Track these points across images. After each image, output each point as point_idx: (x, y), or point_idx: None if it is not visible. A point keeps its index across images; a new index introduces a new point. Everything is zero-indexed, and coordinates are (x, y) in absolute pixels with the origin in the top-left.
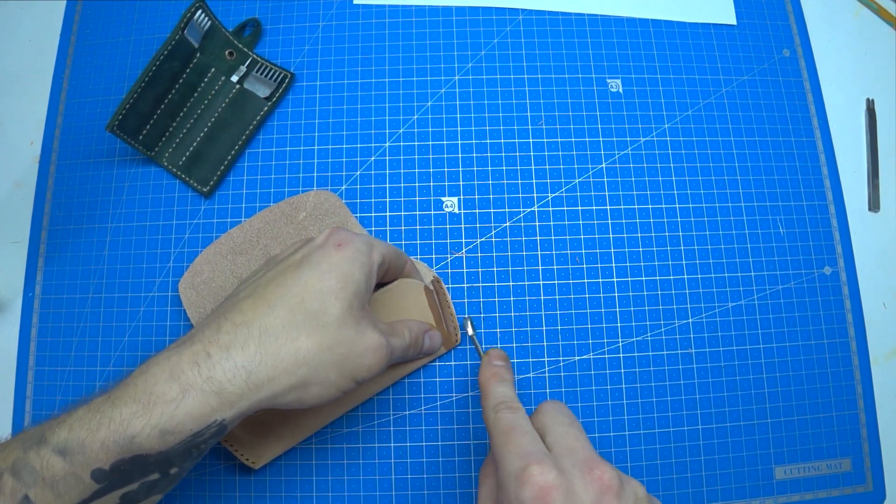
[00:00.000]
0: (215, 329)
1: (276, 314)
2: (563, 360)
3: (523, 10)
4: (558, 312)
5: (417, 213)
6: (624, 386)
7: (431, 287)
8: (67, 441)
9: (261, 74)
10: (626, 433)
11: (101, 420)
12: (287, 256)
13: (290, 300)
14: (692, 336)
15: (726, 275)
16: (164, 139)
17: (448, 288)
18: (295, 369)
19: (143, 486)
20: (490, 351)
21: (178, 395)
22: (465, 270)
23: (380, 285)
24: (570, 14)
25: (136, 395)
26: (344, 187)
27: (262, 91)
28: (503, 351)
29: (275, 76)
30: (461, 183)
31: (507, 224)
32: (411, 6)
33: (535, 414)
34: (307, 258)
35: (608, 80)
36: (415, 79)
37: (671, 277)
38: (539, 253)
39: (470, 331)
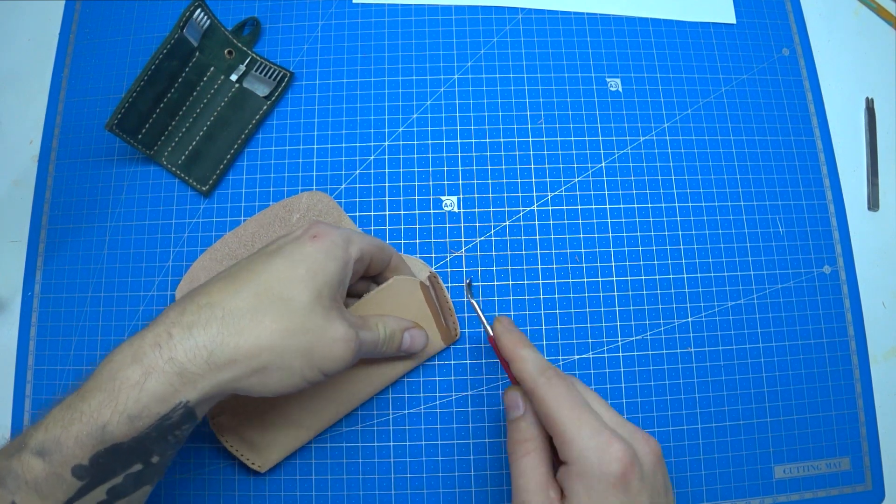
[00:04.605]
0: (180, 311)
1: (243, 297)
2: (563, 360)
3: (523, 10)
4: (557, 311)
5: (417, 212)
6: (623, 385)
7: (428, 283)
8: (44, 442)
9: (260, 73)
10: None
11: (73, 415)
12: (264, 247)
13: (259, 285)
14: (691, 336)
15: (725, 274)
16: (163, 138)
17: (448, 287)
18: (257, 353)
19: (129, 479)
20: (500, 318)
21: (140, 378)
22: (464, 269)
23: (374, 284)
24: (569, 13)
25: (101, 384)
26: (343, 186)
27: (262, 90)
28: (509, 318)
29: (274, 75)
30: (461, 182)
31: (507, 223)
32: (410, 5)
33: None
34: (281, 248)
35: (608, 80)
36: (414, 78)
37: (670, 277)
38: (538, 252)
39: (469, 296)
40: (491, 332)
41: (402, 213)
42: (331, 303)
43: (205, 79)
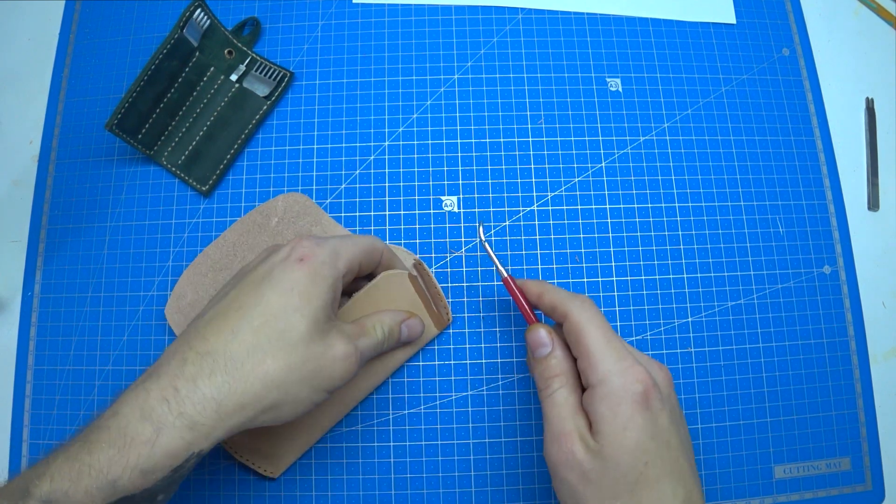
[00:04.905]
0: (181, 360)
1: (240, 339)
2: None
3: (523, 9)
4: None
5: (417, 212)
6: None
7: (414, 272)
8: (51, 493)
9: (260, 73)
10: None
11: (81, 469)
12: (252, 269)
13: (254, 322)
14: (691, 336)
15: (726, 274)
16: (163, 138)
17: (447, 287)
18: (265, 393)
19: None
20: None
21: (152, 435)
22: (464, 269)
23: (364, 280)
24: (569, 13)
25: (111, 439)
26: (343, 186)
27: (262, 90)
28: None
29: (274, 75)
30: (461, 182)
31: (507, 223)
32: (410, 5)
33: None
34: (269, 275)
35: (608, 80)
36: (414, 78)
37: (670, 277)
38: (538, 252)
39: (482, 236)
40: (505, 274)
41: (402, 213)
42: (326, 323)
43: (205, 79)
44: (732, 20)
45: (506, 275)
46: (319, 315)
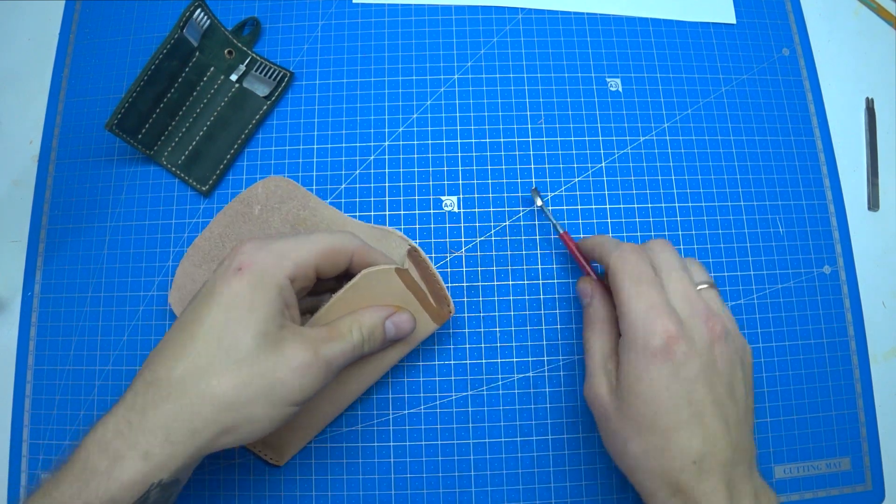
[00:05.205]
0: (133, 392)
1: (185, 363)
2: (563, 359)
3: (523, 9)
4: (558, 311)
5: (417, 212)
6: None
7: (407, 264)
8: None
9: (260, 73)
10: None
11: (49, 503)
12: (202, 285)
13: (197, 343)
14: None
15: (726, 274)
16: (163, 138)
17: (448, 287)
18: (216, 416)
19: None
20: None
21: (109, 467)
22: (464, 269)
23: (346, 279)
24: (569, 13)
25: (74, 473)
26: (343, 186)
27: (262, 90)
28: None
29: (274, 75)
30: (461, 182)
31: (507, 223)
32: (410, 5)
33: (649, 252)
34: (210, 291)
35: (608, 80)
36: (414, 78)
37: None
38: (539, 252)
39: (539, 202)
40: (561, 231)
41: (402, 213)
42: (278, 332)
43: (205, 79)
44: (732, 20)
45: (562, 231)
46: (267, 326)
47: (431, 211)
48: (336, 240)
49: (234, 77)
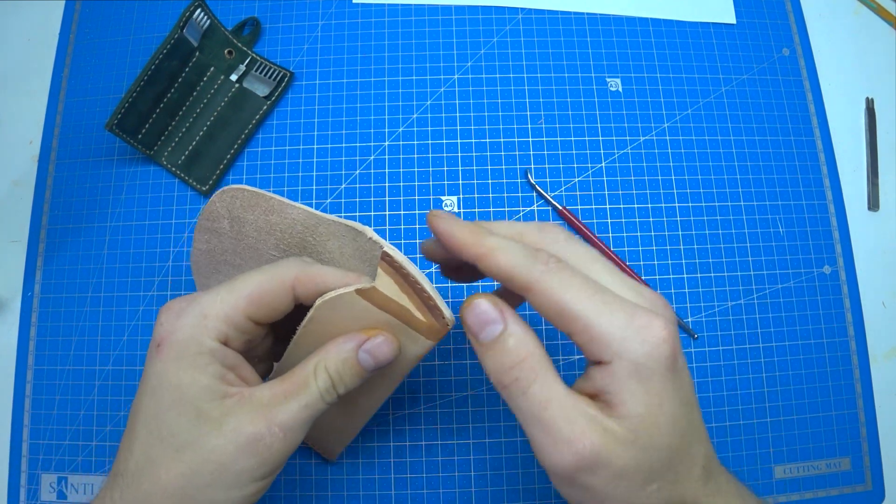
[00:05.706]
0: (105, 482)
1: (135, 455)
2: (563, 360)
3: (523, 9)
4: None
5: (417, 212)
6: None
7: (378, 274)
8: None
9: (260, 73)
10: None
11: None
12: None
13: (140, 433)
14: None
15: (726, 274)
16: (163, 138)
17: (446, 288)
18: None
19: None
20: (435, 212)
21: None
22: None
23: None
24: (569, 13)
25: None
26: (343, 186)
27: (262, 90)
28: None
29: (274, 75)
30: (461, 182)
31: None
32: (410, 5)
33: (549, 247)
34: (144, 374)
35: (608, 80)
36: (414, 78)
37: (671, 277)
38: None
39: (532, 181)
40: (559, 207)
41: (402, 213)
42: (219, 406)
43: (205, 79)
44: (732, 20)
45: (560, 207)
46: (201, 403)
47: None
48: (264, 279)
49: (234, 77)
